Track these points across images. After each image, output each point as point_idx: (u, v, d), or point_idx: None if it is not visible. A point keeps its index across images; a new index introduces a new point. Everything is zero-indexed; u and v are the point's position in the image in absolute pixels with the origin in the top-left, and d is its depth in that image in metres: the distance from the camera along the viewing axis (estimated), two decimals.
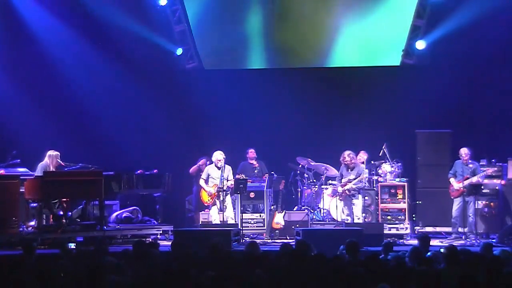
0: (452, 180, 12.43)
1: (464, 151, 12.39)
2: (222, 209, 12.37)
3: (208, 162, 13.45)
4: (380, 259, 6.95)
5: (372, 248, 10.24)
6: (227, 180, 12.39)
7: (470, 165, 12.33)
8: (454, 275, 5.82)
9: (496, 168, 12.92)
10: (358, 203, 12.74)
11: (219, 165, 12.47)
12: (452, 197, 12.44)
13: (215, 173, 12.53)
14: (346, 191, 12.62)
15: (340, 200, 12.80)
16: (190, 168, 14.01)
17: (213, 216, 12.56)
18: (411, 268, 6.54)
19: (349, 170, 12.74)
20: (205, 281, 5.68)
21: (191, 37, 15.51)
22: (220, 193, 12.36)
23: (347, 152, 12.74)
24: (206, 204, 12.76)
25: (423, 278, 5.77)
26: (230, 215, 12.54)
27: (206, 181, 12.57)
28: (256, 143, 14.16)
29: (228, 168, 12.60)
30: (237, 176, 12.46)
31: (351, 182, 12.59)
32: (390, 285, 5.56)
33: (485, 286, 5.57)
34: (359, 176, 12.62)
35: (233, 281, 5.57)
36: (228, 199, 12.57)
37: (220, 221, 12.34)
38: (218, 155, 12.50)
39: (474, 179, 12.21)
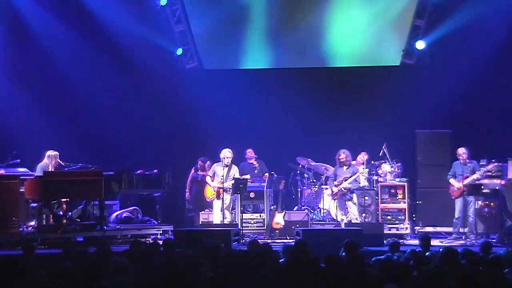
0: (452, 180, 12.43)
1: (461, 151, 12.39)
2: (222, 209, 12.38)
3: (208, 162, 13.46)
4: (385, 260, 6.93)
5: (372, 248, 10.26)
6: (234, 179, 12.38)
7: (469, 164, 12.36)
8: (452, 275, 5.82)
9: (495, 164, 12.81)
10: (353, 203, 12.68)
11: (226, 162, 12.45)
12: (453, 197, 12.43)
13: (221, 171, 12.53)
14: (342, 189, 12.58)
15: (335, 199, 12.81)
16: (188, 179, 14.12)
17: (215, 211, 12.54)
18: (411, 268, 6.53)
19: (344, 169, 12.71)
20: (204, 281, 5.66)
21: (191, 37, 15.51)
22: (221, 191, 12.38)
23: (342, 150, 12.76)
24: (208, 200, 12.77)
25: (421, 277, 5.76)
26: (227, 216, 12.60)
27: (212, 179, 12.59)
28: (256, 143, 14.16)
29: (235, 168, 12.62)
30: (236, 176, 12.46)
31: (346, 180, 12.57)
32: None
33: (484, 286, 5.56)
34: (354, 175, 12.62)
35: (233, 281, 5.55)
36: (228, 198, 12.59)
37: (221, 220, 12.35)
38: (227, 153, 12.47)
39: (475, 176, 12.23)
